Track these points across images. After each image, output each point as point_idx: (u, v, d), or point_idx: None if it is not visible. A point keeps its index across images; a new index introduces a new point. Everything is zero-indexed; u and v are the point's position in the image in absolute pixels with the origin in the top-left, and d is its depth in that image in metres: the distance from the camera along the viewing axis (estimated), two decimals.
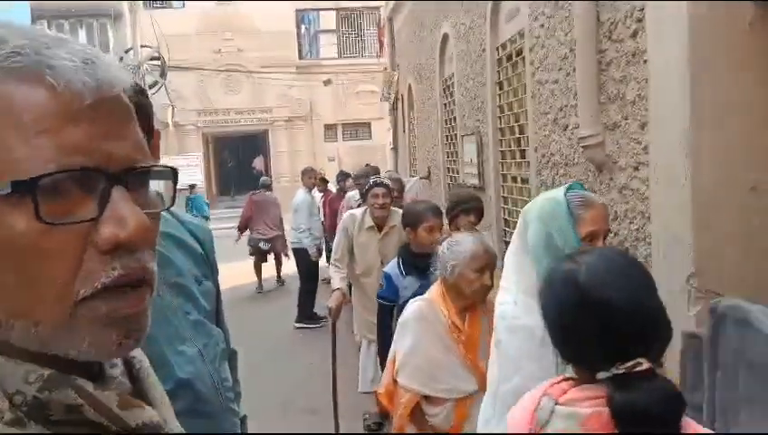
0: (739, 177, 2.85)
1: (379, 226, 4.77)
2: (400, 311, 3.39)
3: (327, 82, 23.96)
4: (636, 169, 3.37)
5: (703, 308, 2.89)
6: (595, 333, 1.27)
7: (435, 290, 2.79)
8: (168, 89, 17.02)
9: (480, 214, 4.10)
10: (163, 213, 0.74)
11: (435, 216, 3.80)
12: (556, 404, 1.28)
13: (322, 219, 9.90)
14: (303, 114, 25.76)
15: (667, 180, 3.04)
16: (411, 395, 2.77)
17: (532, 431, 1.27)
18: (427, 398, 2.79)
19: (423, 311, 2.72)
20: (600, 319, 1.27)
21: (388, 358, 2.93)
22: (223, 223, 16.24)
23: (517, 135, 5.58)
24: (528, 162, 5.32)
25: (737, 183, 2.85)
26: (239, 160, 29.37)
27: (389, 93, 13.11)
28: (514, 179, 5.78)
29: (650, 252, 3.29)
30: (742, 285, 2.88)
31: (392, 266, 3.91)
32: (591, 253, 1.45)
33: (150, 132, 0.84)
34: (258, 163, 28.02)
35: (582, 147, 3.86)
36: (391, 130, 13.79)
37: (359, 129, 26.42)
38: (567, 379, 1.35)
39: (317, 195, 9.96)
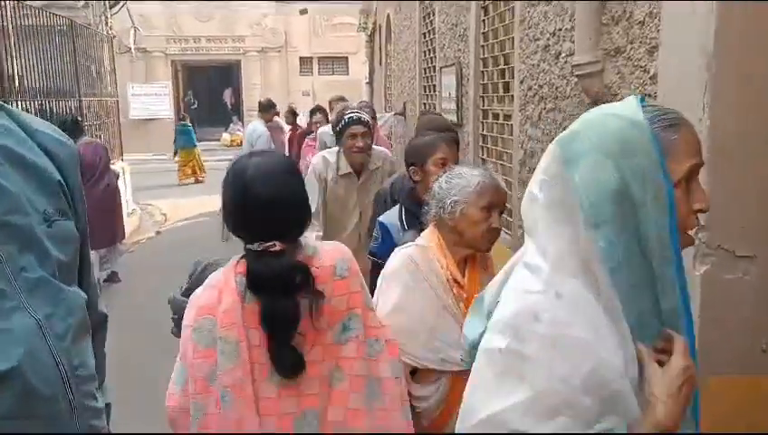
0: (764, 122, 2.39)
1: (357, 171, 3.89)
2: None
3: (303, 12, 22.88)
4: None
5: (712, 269, 2.47)
6: (249, 217, 1.63)
7: (428, 235, 2.18)
8: (130, 11, 15.95)
9: (457, 147, 3.29)
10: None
11: (449, 146, 2.80)
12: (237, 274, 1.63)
13: (287, 154, 9.33)
14: (278, 45, 24.73)
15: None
16: None
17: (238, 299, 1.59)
18: (413, 373, 2.07)
19: (415, 259, 2.09)
20: (252, 208, 1.61)
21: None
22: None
23: (501, 66, 5.04)
24: (512, 96, 4.81)
25: (761, 129, 2.39)
26: (210, 92, 28.26)
27: (366, 23, 12.39)
28: (496, 116, 5.28)
29: None
30: (756, 242, 2.46)
31: (391, 216, 2.89)
32: (263, 155, 1.79)
33: None
34: (227, 96, 27.00)
35: (577, 76, 3.35)
36: (367, 64, 13.11)
37: (335, 63, 25.49)
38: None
39: (286, 127, 9.34)
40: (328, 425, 1.60)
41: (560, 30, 3.74)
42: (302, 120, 9.88)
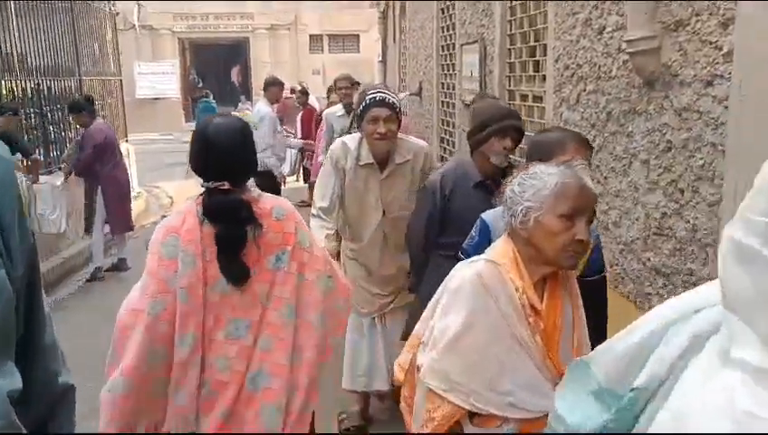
0: None
1: (381, 162, 3.30)
2: None
3: None
4: (709, 83, 2.49)
5: None
6: (205, 162, 2.07)
7: (500, 248, 1.76)
8: None
9: (520, 136, 2.79)
10: None
11: (580, 145, 2.25)
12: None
13: (300, 137, 8.94)
14: (287, 23, 24.21)
15: (762, 100, 2.17)
16: (450, 408, 1.69)
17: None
18: (473, 414, 1.72)
19: (485, 278, 1.68)
20: (208, 155, 2.06)
21: (411, 338, 1.88)
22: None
23: (531, 42, 4.62)
24: (543, 76, 4.40)
25: None
26: (218, 70, 27.78)
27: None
28: (524, 97, 4.87)
29: (719, 197, 2.45)
30: None
31: (496, 214, 2.30)
32: (223, 117, 2.18)
33: None
34: (235, 74, 26.49)
35: (629, 53, 2.94)
36: (380, 41, 12.65)
37: (346, 40, 24.96)
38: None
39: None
40: (255, 328, 2.02)
41: (603, 2, 3.33)
42: (314, 102, 9.47)
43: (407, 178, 3.32)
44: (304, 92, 9.30)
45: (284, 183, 6.89)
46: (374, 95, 3.23)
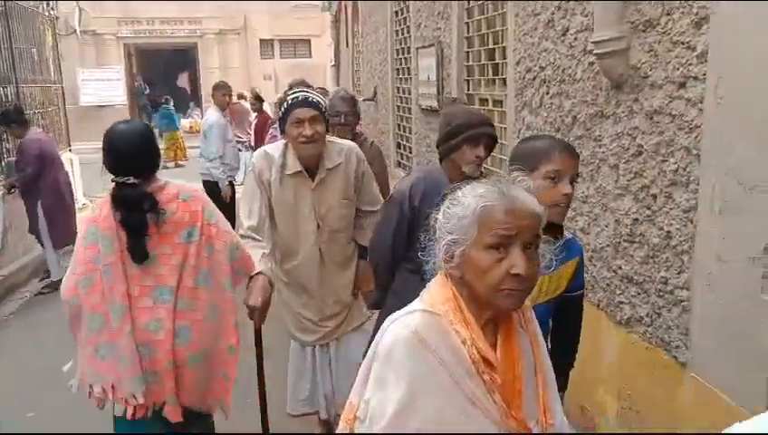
0: None
1: (310, 169, 2.97)
2: None
3: None
4: (682, 85, 2.40)
5: None
6: (113, 160, 2.36)
7: (436, 292, 1.42)
8: None
9: (493, 144, 2.58)
10: None
11: (566, 154, 2.00)
12: None
13: (253, 144, 8.68)
14: (237, 28, 23.78)
15: (743, 100, 2.08)
16: None
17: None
18: None
19: (423, 334, 1.35)
20: (114, 155, 2.35)
21: (346, 407, 1.48)
22: None
23: (491, 45, 4.52)
24: (503, 79, 4.30)
25: None
26: (166, 76, 27.11)
27: (331, 3, 11.74)
28: (483, 101, 4.77)
29: (695, 202, 2.36)
30: None
31: None
32: (127, 122, 2.55)
33: None
34: (183, 81, 25.86)
35: (596, 55, 2.84)
36: (333, 46, 12.47)
37: (297, 45, 24.66)
38: None
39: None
40: (175, 293, 2.38)
41: (567, 2, 3.23)
42: (267, 108, 9.20)
43: (341, 185, 3.02)
44: (258, 98, 9.02)
45: (234, 192, 6.56)
46: (296, 95, 2.96)
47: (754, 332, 2.09)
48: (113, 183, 2.37)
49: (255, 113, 9.06)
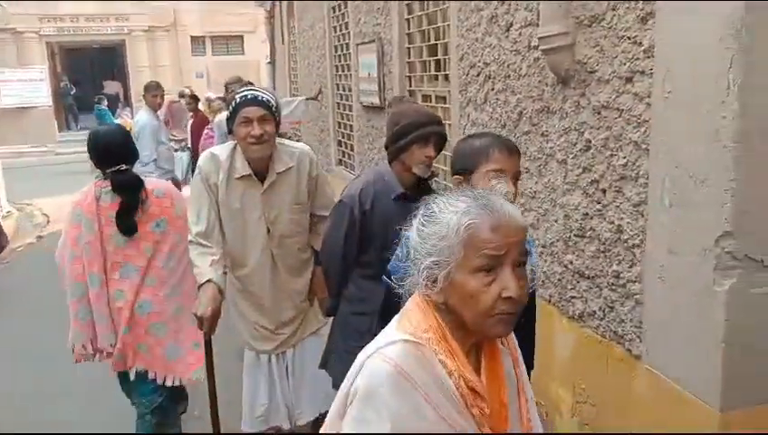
0: None
1: (260, 172, 2.87)
2: None
3: None
4: (629, 80, 2.41)
5: (739, 283, 2.04)
6: (101, 157, 2.85)
7: (416, 318, 1.27)
8: None
9: (443, 143, 2.52)
10: None
11: (507, 152, 1.97)
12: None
13: (191, 145, 8.42)
14: (166, 24, 23.12)
15: (690, 94, 2.10)
16: None
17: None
18: None
19: (405, 367, 1.21)
20: (102, 152, 2.85)
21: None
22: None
23: (432, 41, 4.49)
24: (446, 75, 4.28)
25: None
26: (93, 75, 26.11)
27: None
28: (426, 98, 4.74)
29: (645, 197, 2.38)
30: None
31: None
32: (107, 126, 3.39)
33: None
34: (110, 88, 24.81)
35: (543, 50, 2.84)
36: (267, 43, 12.25)
37: (230, 42, 24.17)
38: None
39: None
40: (142, 271, 2.86)
41: None
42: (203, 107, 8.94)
43: (292, 189, 2.91)
44: (194, 97, 8.75)
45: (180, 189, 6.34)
46: (245, 93, 2.83)
47: (706, 322, 2.12)
48: (108, 174, 2.82)
49: (191, 113, 8.80)
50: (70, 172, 14.52)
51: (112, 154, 2.82)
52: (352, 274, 2.59)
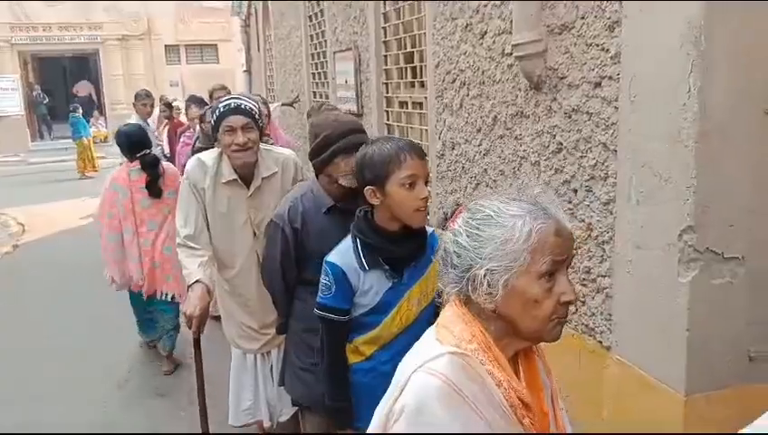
0: (758, 106, 2.10)
1: (245, 178, 2.97)
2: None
3: None
4: (597, 85, 2.54)
5: (701, 274, 2.17)
6: (129, 145, 4.49)
7: (458, 327, 1.24)
8: None
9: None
10: None
11: (417, 156, 2.02)
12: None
13: (167, 155, 8.41)
14: (140, 33, 23.03)
15: (654, 98, 2.23)
16: None
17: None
18: None
19: (456, 381, 1.17)
20: (130, 143, 4.50)
21: None
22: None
23: (409, 48, 4.61)
24: (422, 82, 4.40)
25: (754, 115, 2.09)
26: (66, 85, 25.88)
27: (240, 8, 11.58)
28: (403, 104, 4.85)
29: (614, 195, 2.51)
30: (745, 242, 2.18)
31: (344, 254, 2.11)
32: (129, 124, 5.33)
33: None
34: (82, 89, 24.68)
35: (516, 57, 2.97)
36: (243, 51, 12.30)
37: (205, 50, 24.16)
38: None
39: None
40: (162, 224, 4.46)
41: (484, 6, 3.35)
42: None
43: (277, 193, 2.97)
44: (168, 105, 8.77)
45: None
46: (228, 102, 2.92)
47: (672, 312, 2.24)
48: (137, 157, 4.36)
49: (166, 120, 8.81)
50: (43, 181, 14.44)
51: (138, 144, 4.40)
52: (297, 291, 2.56)
